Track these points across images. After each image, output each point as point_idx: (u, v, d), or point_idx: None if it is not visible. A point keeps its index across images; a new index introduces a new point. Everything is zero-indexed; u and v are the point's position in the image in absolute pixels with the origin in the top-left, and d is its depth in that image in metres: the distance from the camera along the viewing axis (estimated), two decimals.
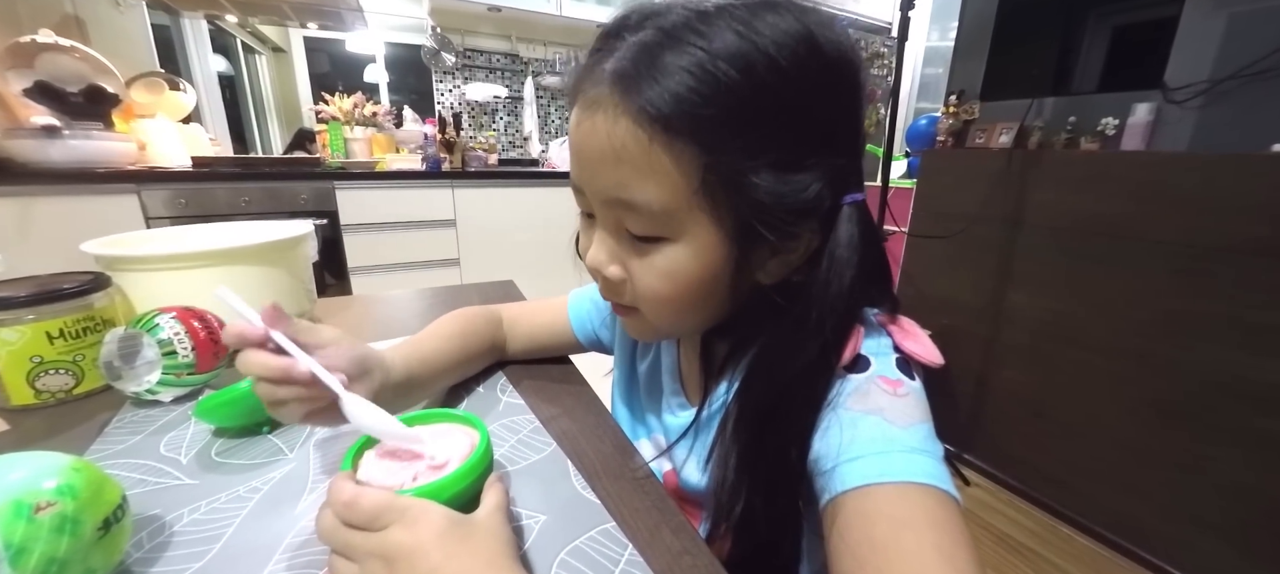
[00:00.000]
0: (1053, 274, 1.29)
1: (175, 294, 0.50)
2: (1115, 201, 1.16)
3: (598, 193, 0.32)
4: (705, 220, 0.30)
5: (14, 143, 1.41)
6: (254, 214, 1.72)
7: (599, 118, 0.29)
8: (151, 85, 1.77)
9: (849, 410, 0.30)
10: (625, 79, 0.28)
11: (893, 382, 0.31)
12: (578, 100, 0.31)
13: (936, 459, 0.28)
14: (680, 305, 0.33)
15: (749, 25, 0.27)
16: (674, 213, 0.29)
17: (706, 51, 0.26)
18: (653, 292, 0.32)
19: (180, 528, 0.32)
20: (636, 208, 0.30)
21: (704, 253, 0.30)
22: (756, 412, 0.33)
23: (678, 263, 0.31)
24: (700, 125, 0.27)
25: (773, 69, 0.27)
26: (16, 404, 0.44)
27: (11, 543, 0.23)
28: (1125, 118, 1.20)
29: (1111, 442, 1.21)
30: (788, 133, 0.28)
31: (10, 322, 0.42)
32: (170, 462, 0.38)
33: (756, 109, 0.27)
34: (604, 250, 0.33)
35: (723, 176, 0.28)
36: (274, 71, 2.39)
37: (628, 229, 0.31)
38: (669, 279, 0.32)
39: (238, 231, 0.66)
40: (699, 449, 0.39)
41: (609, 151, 0.29)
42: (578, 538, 0.32)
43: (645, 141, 0.27)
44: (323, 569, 0.29)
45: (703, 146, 0.27)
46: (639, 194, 0.29)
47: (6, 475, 0.25)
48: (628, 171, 0.29)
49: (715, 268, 0.31)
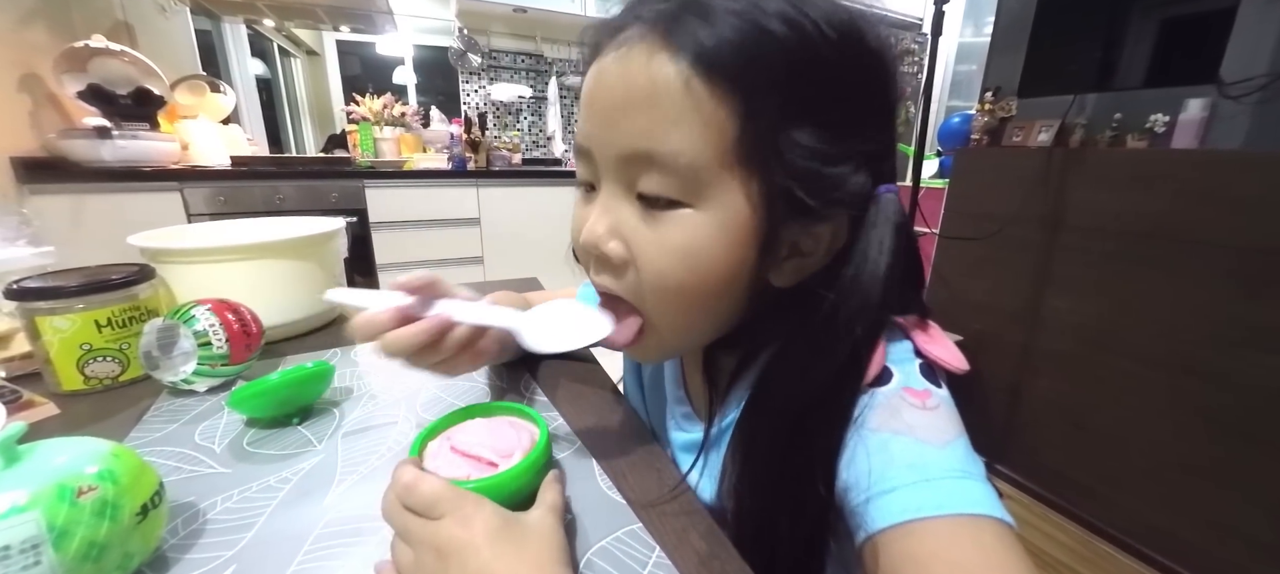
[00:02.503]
0: (1095, 278, 1.23)
1: (215, 286, 0.51)
2: (1165, 202, 1.10)
3: (614, 145, 0.28)
4: (734, 187, 0.26)
5: (68, 143, 1.49)
6: (288, 211, 1.78)
7: (632, 60, 0.26)
8: (194, 87, 1.84)
9: (876, 432, 0.27)
10: (668, 19, 0.26)
11: (919, 393, 0.28)
12: (602, 52, 0.28)
13: (981, 480, 0.25)
14: (691, 297, 0.29)
15: (834, 35, 0.25)
16: (702, 171, 0.26)
17: (755, 4, 0.25)
18: (663, 275, 0.28)
19: (214, 515, 0.32)
20: (660, 161, 0.26)
21: (728, 227, 0.27)
22: (773, 432, 0.30)
23: (698, 236, 0.27)
24: (744, 71, 0.25)
25: (821, 37, 0.25)
26: (67, 389, 0.46)
27: (55, 525, 0.23)
28: (1176, 114, 1.14)
29: (1155, 455, 1.15)
30: (831, 103, 0.26)
31: (62, 310, 0.43)
32: (205, 450, 0.39)
33: (802, 70, 0.25)
34: (606, 221, 0.29)
35: (760, 135, 0.26)
36: (308, 74, 2.46)
37: (641, 193, 0.28)
38: (684, 258, 0.27)
39: (273, 227, 0.67)
40: (710, 469, 0.36)
41: (640, 94, 0.26)
42: (604, 538, 0.31)
43: (683, 82, 0.25)
44: (350, 560, 0.29)
45: (744, 96, 0.25)
46: (667, 143, 0.26)
47: (51, 460, 0.25)
48: (658, 117, 0.26)
49: (738, 250, 0.28)
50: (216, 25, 2.15)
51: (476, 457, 0.32)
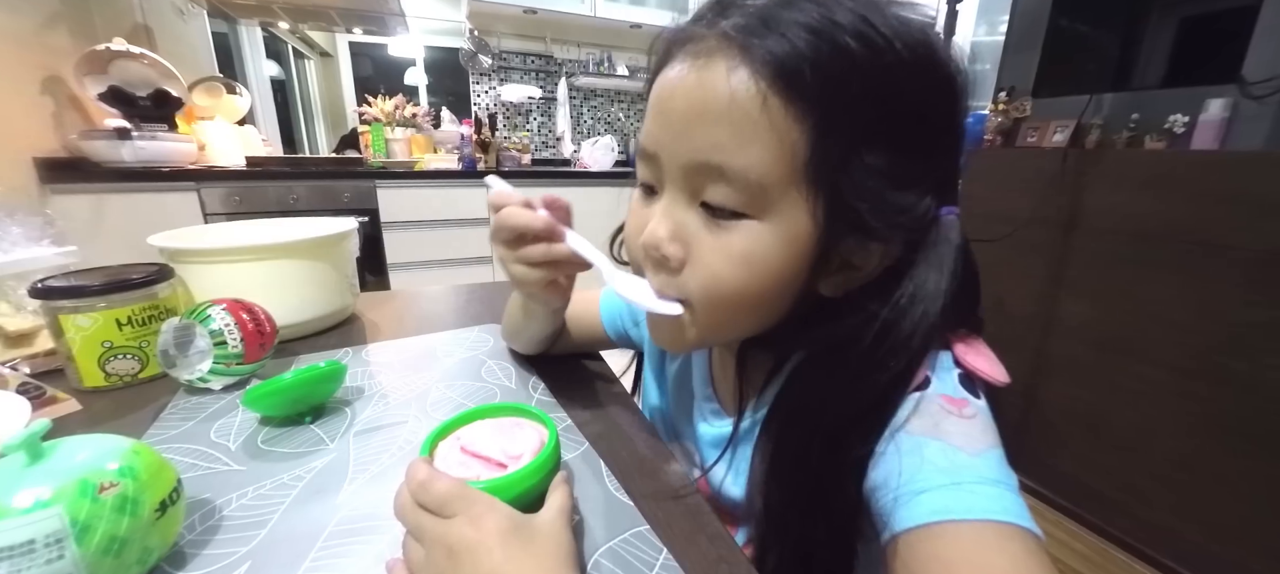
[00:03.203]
0: (1111, 281, 1.21)
1: (231, 285, 0.52)
2: (1184, 204, 1.08)
3: (682, 155, 0.28)
4: (800, 203, 0.26)
5: (89, 143, 1.52)
6: (301, 211, 1.80)
7: (709, 72, 0.26)
8: (211, 89, 1.87)
9: (910, 435, 0.27)
10: (746, 34, 0.25)
11: (957, 401, 0.28)
12: (674, 58, 0.28)
13: (1013, 491, 0.25)
14: (742, 301, 0.29)
15: (867, 18, 0.25)
16: (770, 188, 0.26)
17: (832, 21, 0.25)
18: (718, 278, 0.28)
19: (229, 512, 0.33)
20: (729, 175, 0.26)
21: (789, 241, 0.27)
22: (807, 432, 0.31)
23: (758, 247, 0.27)
24: (821, 91, 0.25)
25: (896, 56, 0.25)
26: (88, 386, 0.47)
27: (77, 520, 0.24)
28: (1196, 115, 1.11)
29: (1174, 462, 1.13)
30: (904, 126, 0.26)
31: (85, 309, 0.44)
32: (220, 447, 0.40)
33: (877, 90, 0.25)
34: (668, 224, 0.29)
35: (831, 156, 0.25)
36: (321, 75, 2.49)
37: (706, 202, 0.28)
38: (744, 264, 0.28)
39: (288, 227, 0.68)
40: (738, 463, 0.37)
41: (714, 106, 0.26)
42: (612, 540, 0.31)
43: (761, 98, 0.25)
44: (362, 559, 0.29)
45: (819, 116, 0.25)
46: (738, 158, 0.26)
47: (73, 456, 0.26)
48: (730, 131, 0.26)
49: (795, 263, 0.28)
50: (233, 27, 2.19)
51: (486, 457, 0.32)
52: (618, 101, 2.74)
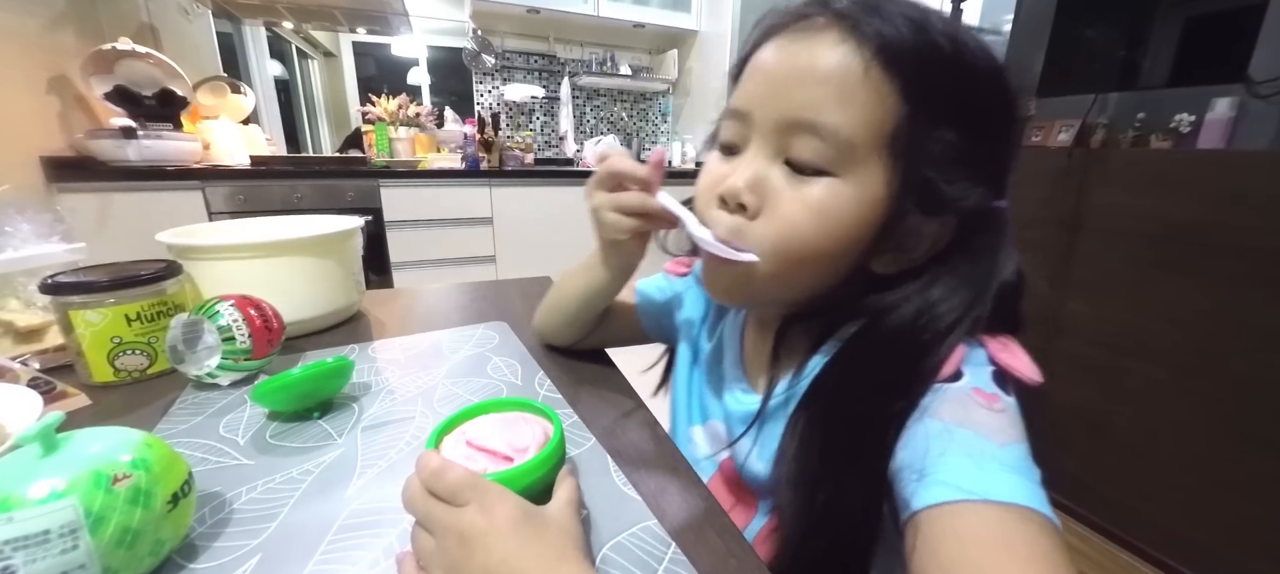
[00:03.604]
0: (1116, 282, 1.20)
1: (238, 282, 0.52)
2: (1191, 204, 1.08)
3: (777, 112, 0.31)
4: (878, 168, 0.29)
5: (95, 142, 1.53)
6: (305, 210, 1.80)
7: (819, 39, 0.29)
8: (215, 89, 1.88)
9: (940, 420, 0.28)
10: (856, 13, 0.29)
11: (988, 396, 0.29)
12: (782, 31, 0.31)
13: (1035, 483, 0.26)
14: (806, 252, 0.31)
15: (956, 26, 0.30)
16: (857, 148, 0.29)
17: (928, 20, 0.29)
18: (793, 226, 0.31)
19: (239, 506, 0.33)
20: (821, 131, 0.29)
21: (864, 201, 0.30)
22: (838, 409, 0.32)
23: (835, 201, 0.30)
24: (918, 72, 0.28)
25: (977, 64, 0.29)
26: (98, 381, 0.47)
27: (91, 512, 0.24)
28: (1203, 114, 1.11)
29: (1180, 464, 1.12)
30: (979, 119, 0.30)
31: (95, 304, 0.45)
32: (229, 442, 0.40)
33: (961, 84, 0.29)
34: (748, 174, 0.32)
35: (916, 130, 0.29)
36: (325, 75, 2.50)
37: (790, 159, 0.31)
38: (819, 215, 0.30)
39: (293, 225, 0.68)
40: (764, 440, 0.37)
41: (821, 68, 0.29)
42: (620, 534, 0.31)
43: (862, 67, 0.28)
44: (370, 552, 0.29)
45: (910, 92, 0.28)
46: (833, 116, 0.29)
47: (86, 448, 0.26)
48: (831, 91, 0.29)
49: (865, 224, 0.30)
50: (237, 27, 2.19)
51: (492, 451, 0.32)
52: (620, 101, 2.74)
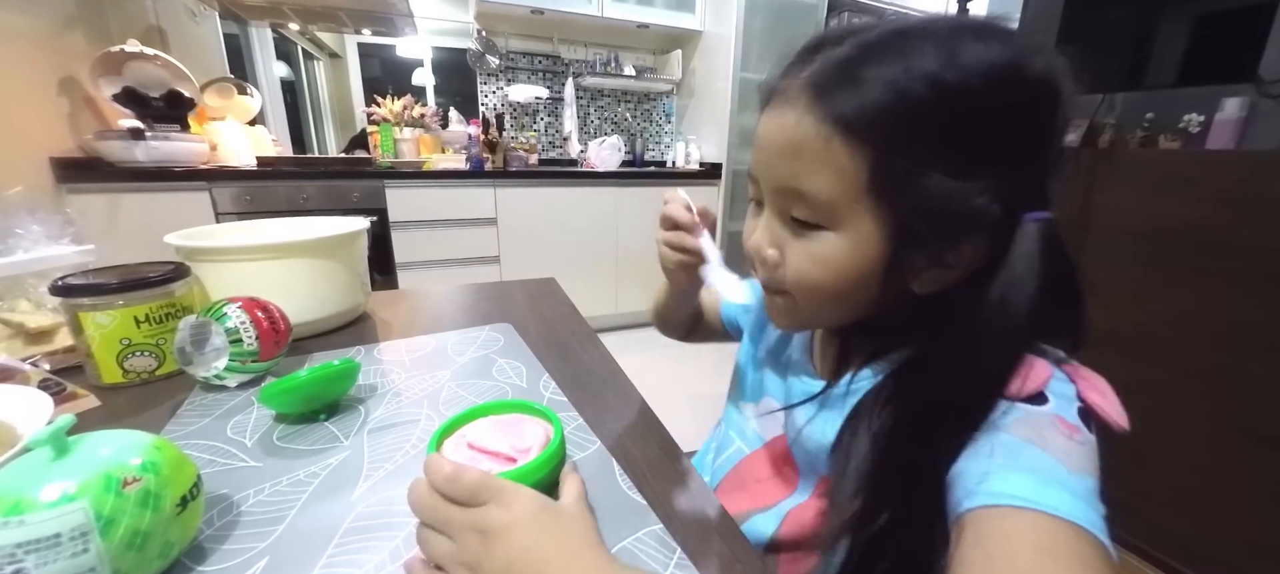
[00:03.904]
0: (1124, 283, 1.19)
1: (245, 284, 0.53)
2: (1200, 205, 1.07)
3: (772, 181, 0.34)
4: (866, 217, 0.31)
5: (104, 144, 1.54)
6: (311, 210, 1.81)
7: (787, 114, 0.32)
8: (222, 90, 1.89)
9: (1013, 435, 0.28)
10: (818, 86, 0.30)
11: (1070, 425, 0.29)
12: (771, 102, 0.34)
13: (1099, 514, 0.26)
14: (827, 293, 0.34)
15: (947, 46, 0.28)
16: (838, 205, 0.31)
17: (901, 67, 0.28)
18: (802, 274, 0.34)
19: (247, 508, 0.33)
20: (805, 197, 0.32)
21: (859, 247, 0.32)
22: (907, 420, 0.32)
23: (831, 251, 0.32)
24: (881, 130, 0.29)
25: (964, 88, 0.27)
26: (107, 382, 0.47)
27: (102, 515, 0.24)
28: (1212, 114, 1.10)
29: (1187, 467, 1.11)
30: (962, 144, 0.29)
31: (104, 306, 0.45)
32: (236, 444, 0.40)
33: (935, 121, 0.28)
34: (767, 234, 0.36)
35: (891, 177, 0.29)
36: (330, 76, 2.51)
37: (792, 215, 0.34)
38: (821, 264, 0.33)
39: (301, 226, 0.69)
40: (820, 422, 0.38)
41: (790, 144, 0.32)
42: (626, 538, 0.31)
43: (825, 138, 0.30)
44: (378, 555, 0.30)
45: (877, 149, 0.29)
46: (809, 184, 0.31)
47: (97, 451, 0.26)
48: (804, 163, 0.31)
49: (867, 264, 0.32)
50: (243, 29, 2.21)
51: (495, 452, 0.32)
52: (624, 101, 2.74)
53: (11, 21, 1.38)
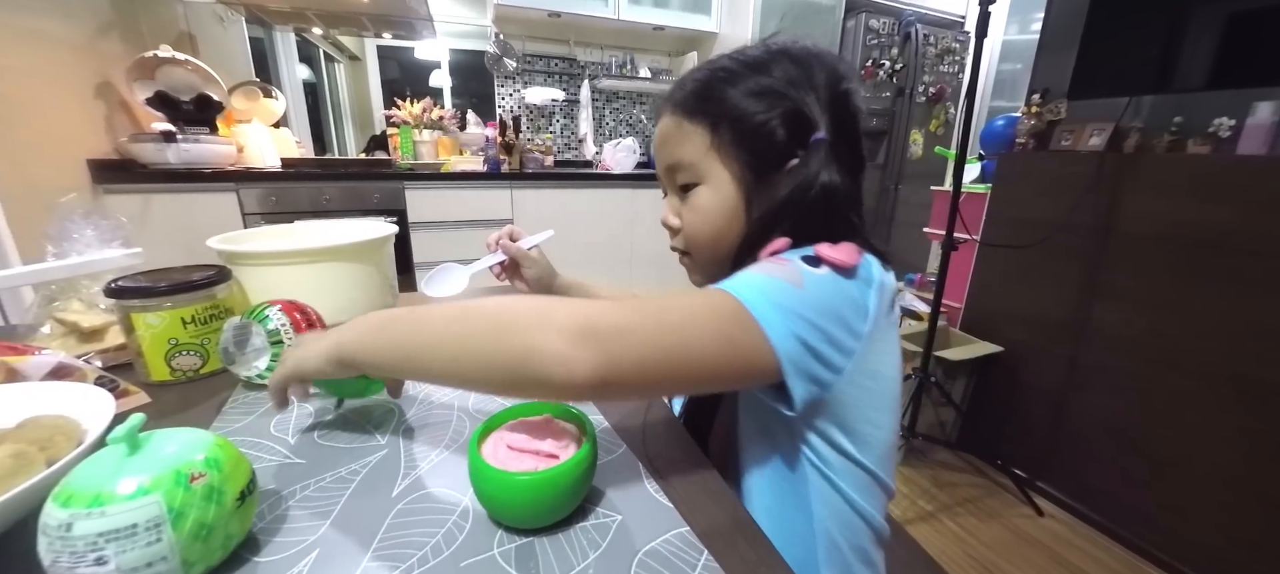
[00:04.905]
0: (1150, 290, 1.18)
1: (283, 286, 0.55)
2: (1230, 211, 1.04)
3: (661, 165, 0.48)
4: (718, 164, 0.44)
5: (137, 146, 1.60)
6: (333, 212, 1.86)
7: (663, 122, 0.47)
8: (248, 93, 1.94)
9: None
10: (671, 98, 0.47)
11: (779, 260, 0.37)
12: (658, 125, 0.48)
13: (754, 290, 0.34)
14: (711, 234, 0.45)
15: (737, 56, 0.45)
16: (699, 162, 0.44)
17: (716, 66, 0.45)
18: (692, 225, 0.46)
19: (294, 503, 0.35)
20: (680, 164, 0.46)
21: (722, 188, 0.44)
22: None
23: (706, 199, 0.45)
24: (704, 107, 0.44)
25: (753, 60, 0.44)
26: (155, 380, 0.50)
27: (173, 507, 0.26)
28: (1243, 118, 1.08)
29: (1215, 477, 1.09)
30: (751, 96, 0.43)
31: (154, 308, 0.47)
32: (280, 441, 0.42)
33: (741, 84, 0.43)
34: (668, 207, 0.50)
35: (720, 133, 0.43)
36: (350, 78, 2.56)
37: (679, 184, 0.47)
38: (701, 212, 0.45)
39: (331, 230, 0.71)
40: None
41: (663, 137, 0.47)
42: (654, 540, 0.32)
43: (678, 123, 0.45)
44: (420, 551, 0.31)
45: (708, 119, 0.44)
46: (679, 154, 0.46)
47: (164, 448, 0.28)
48: (672, 144, 0.46)
49: (730, 200, 0.44)
50: (268, 33, 2.26)
51: (536, 451, 0.34)
52: (640, 104, 2.75)
53: (53, 28, 1.44)
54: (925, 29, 2.43)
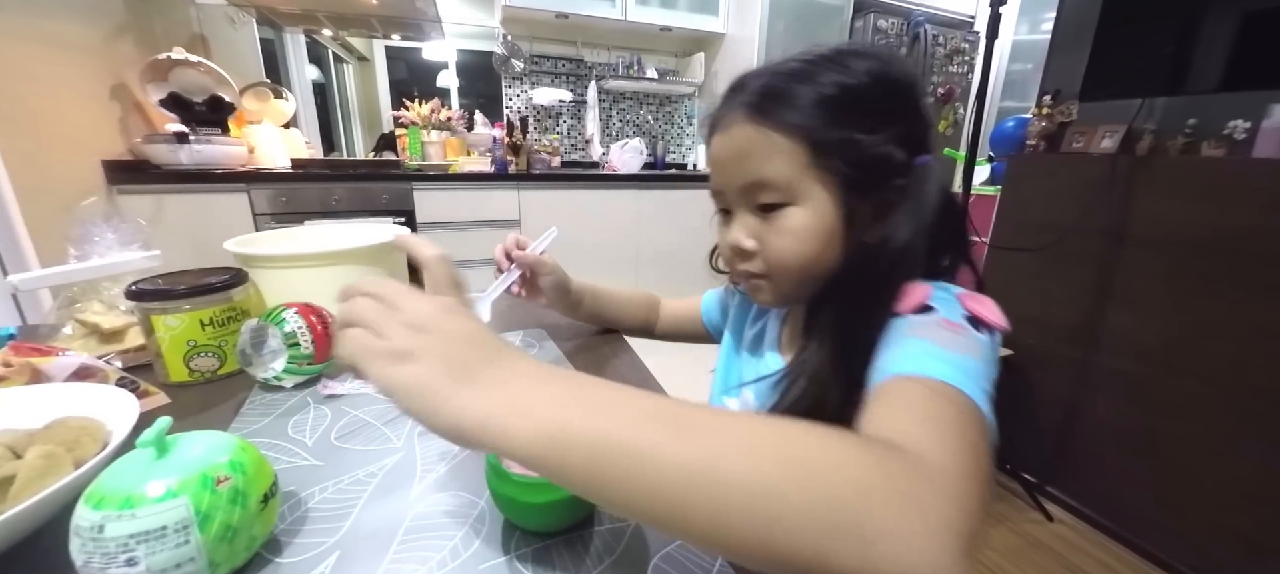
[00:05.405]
0: (1162, 294, 1.16)
1: (298, 289, 0.55)
2: (1245, 215, 1.03)
3: (736, 183, 0.42)
4: (816, 184, 0.39)
5: (151, 147, 1.62)
6: (342, 212, 1.87)
7: (734, 133, 0.41)
8: (259, 94, 1.96)
9: (900, 336, 0.34)
10: (750, 105, 0.40)
11: (954, 324, 0.34)
12: (715, 132, 0.43)
13: (972, 379, 0.29)
14: (803, 258, 0.41)
15: (840, 63, 0.40)
16: (794, 180, 0.39)
17: (811, 79, 0.39)
18: (781, 250, 0.41)
19: (313, 505, 0.35)
20: (767, 181, 0.40)
21: (819, 209, 0.40)
22: (831, 349, 0.39)
23: (799, 220, 0.40)
24: (806, 120, 0.39)
25: (858, 82, 0.39)
26: (174, 381, 0.51)
27: (200, 509, 0.26)
28: (1259, 120, 1.06)
29: (1229, 485, 1.08)
30: (865, 114, 0.39)
31: (173, 310, 0.48)
32: (298, 443, 0.43)
33: (847, 103, 0.39)
34: (741, 228, 0.43)
35: (826, 148, 0.39)
36: (358, 78, 2.58)
37: (761, 203, 0.41)
38: (793, 235, 0.40)
39: (344, 233, 0.72)
40: (780, 388, 0.43)
41: (740, 151, 0.41)
42: (670, 544, 0.33)
43: (766, 136, 0.39)
44: (438, 554, 0.31)
45: (808, 133, 0.39)
46: (768, 170, 0.40)
47: (190, 451, 0.29)
48: (757, 160, 0.40)
49: (828, 222, 0.40)
50: (278, 34, 2.28)
51: None
52: (646, 104, 2.76)
53: (69, 31, 1.46)
54: (934, 29, 2.42)
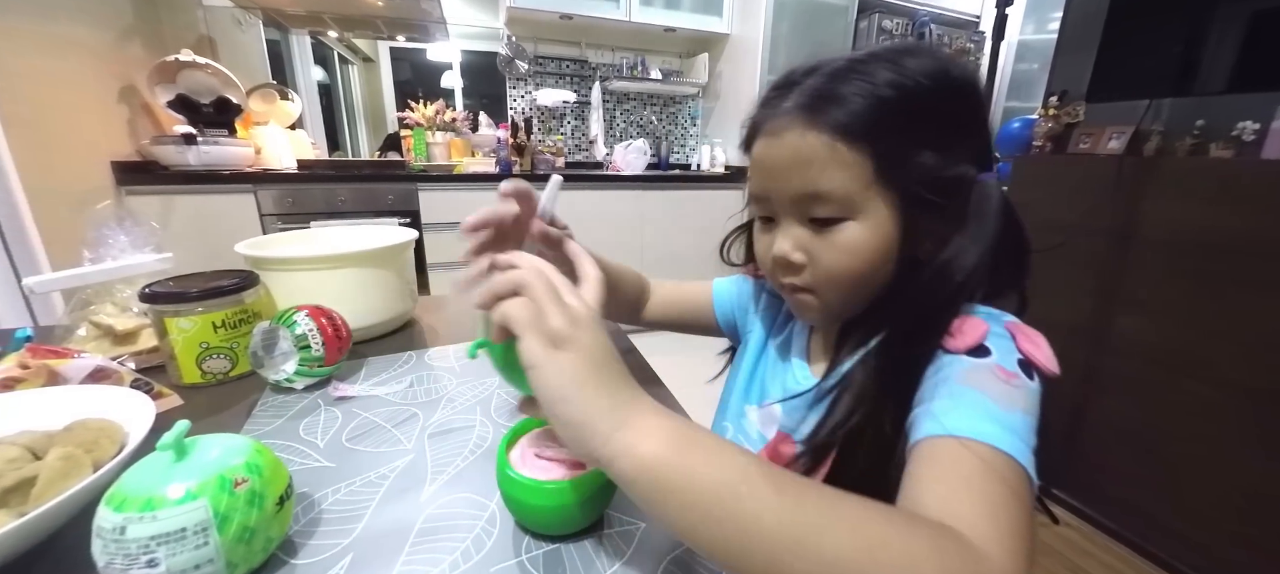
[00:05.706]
0: (1170, 296, 1.16)
1: (308, 291, 0.56)
2: (1254, 217, 1.03)
3: (789, 192, 0.39)
4: (878, 201, 0.37)
5: (159, 148, 1.63)
6: (348, 213, 1.88)
7: (786, 137, 0.37)
8: (266, 95, 1.97)
9: (956, 382, 0.33)
10: (807, 109, 0.37)
11: (1008, 373, 0.33)
12: (760, 134, 0.40)
13: (1025, 443, 0.29)
14: (855, 277, 0.39)
15: (897, 63, 0.36)
16: (854, 196, 0.37)
17: (870, 82, 0.36)
18: (834, 265, 0.39)
19: (327, 507, 0.36)
20: (824, 196, 0.37)
21: (879, 227, 0.37)
22: (879, 378, 0.37)
23: (857, 237, 0.37)
24: (870, 131, 0.36)
25: (918, 86, 0.36)
26: (187, 382, 0.51)
27: (218, 512, 0.27)
28: (1268, 121, 1.06)
29: (1235, 487, 1.07)
30: (934, 126, 0.37)
31: (186, 312, 0.49)
32: (310, 444, 0.43)
33: (910, 113, 0.36)
34: (790, 240, 0.40)
35: (889, 164, 0.36)
36: (363, 79, 2.59)
37: (813, 216, 0.38)
38: (849, 252, 0.38)
39: (352, 235, 0.72)
40: (818, 412, 0.41)
41: (797, 158, 0.37)
42: (678, 548, 0.33)
43: (828, 146, 0.36)
44: (450, 556, 0.32)
45: (872, 144, 0.36)
46: (826, 184, 0.37)
47: (208, 453, 0.29)
48: (816, 170, 0.37)
49: (887, 241, 0.37)
50: (284, 36, 2.29)
51: (562, 459, 0.34)
52: (650, 105, 2.76)
53: (79, 34, 1.47)
54: (939, 29, 2.41)
